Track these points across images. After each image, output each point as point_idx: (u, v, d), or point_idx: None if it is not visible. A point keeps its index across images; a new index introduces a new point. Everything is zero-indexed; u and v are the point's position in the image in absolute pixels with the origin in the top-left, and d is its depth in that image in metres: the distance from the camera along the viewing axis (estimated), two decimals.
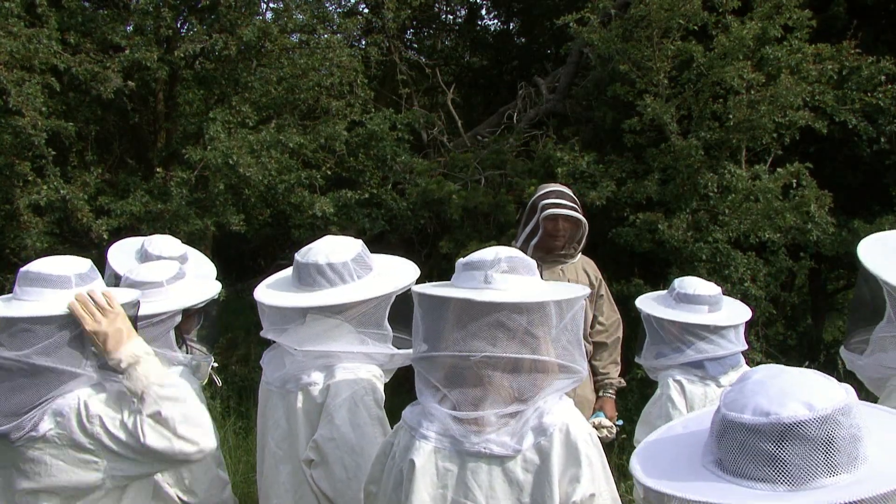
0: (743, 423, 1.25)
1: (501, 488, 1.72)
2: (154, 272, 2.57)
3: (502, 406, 1.71)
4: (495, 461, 1.72)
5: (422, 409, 1.82)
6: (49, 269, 1.91)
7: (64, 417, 1.81)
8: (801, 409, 1.22)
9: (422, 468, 1.75)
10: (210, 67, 6.65)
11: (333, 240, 2.40)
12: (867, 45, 5.46)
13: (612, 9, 5.67)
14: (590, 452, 1.73)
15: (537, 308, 1.71)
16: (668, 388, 2.72)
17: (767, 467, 1.22)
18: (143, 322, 2.39)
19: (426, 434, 1.78)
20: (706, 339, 2.69)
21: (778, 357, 5.29)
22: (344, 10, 8.53)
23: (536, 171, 5.81)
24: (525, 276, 1.80)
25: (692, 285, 2.78)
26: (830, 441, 1.21)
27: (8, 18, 5.11)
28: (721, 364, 2.71)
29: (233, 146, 5.30)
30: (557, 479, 1.69)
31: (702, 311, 2.72)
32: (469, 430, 1.72)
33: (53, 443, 1.81)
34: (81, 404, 1.82)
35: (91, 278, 1.96)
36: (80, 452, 1.82)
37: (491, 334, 1.70)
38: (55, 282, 1.88)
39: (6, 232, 5.55)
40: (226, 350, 6.64)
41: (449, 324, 1.76)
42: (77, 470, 1.83)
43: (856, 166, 5.88)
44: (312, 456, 2.17)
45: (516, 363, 1.71)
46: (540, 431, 1.71)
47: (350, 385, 2.19)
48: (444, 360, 1.77)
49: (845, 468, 1.22)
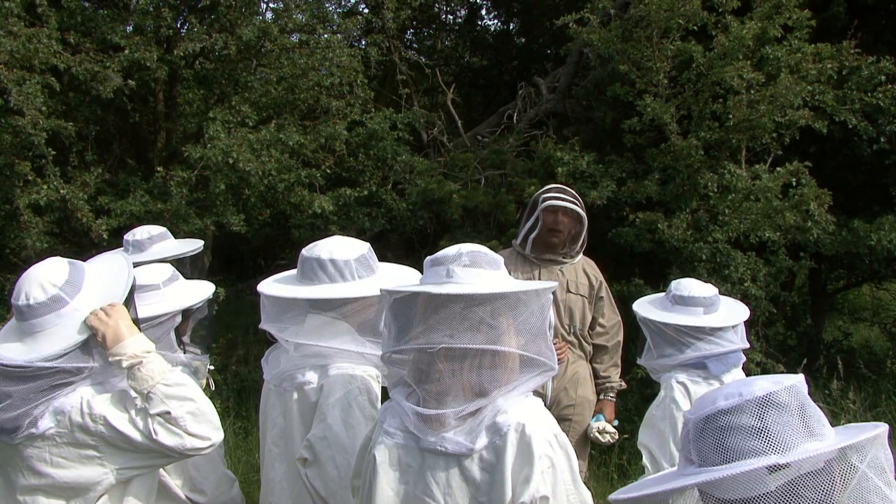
0: (720, 409, 1.28)
1: (458, 486, 1.72)
2: (150, 274, 2.56)
3: (463, 402, 1.71)
4: (452, 459, 1.73)
5: (392, 403, 1.85)
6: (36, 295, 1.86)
7: (65, 415, 1.81)
8: (768, 384, 1.28)
9: (383, 463, 1.78)
10: (210, 67, 6.66)
11: (341, 239, 2.42)
12: (867, 45, 5.46)
13: (611, 9, 5.67)
14: (549, 453, 1.72)
15: (493, 299, 1.71)
16: (671, 389, 2.72)
17: (754, 439, 1.24)
18: (145, 324, 2.39)
19: (388, 429, 1.80)
20: (704, 340, 2.70)
21: (778, 357, 5.29)
22: (344, 10, 8.54)
23: (536, 171, 5.82)
24: (488, 270, 1.80)
25: (688, 287, 2.80)
26: (803, 407, 1.27)
27: (8, 18, 5.10)
28: (723, 362, 2.72)
29: (232, 144, 5.31)
30: (511, 480, 1.68)
31: (697, 313, 2.73)
32: (428, 426, 1.73)
33: (53, 441, 1.82)
34: (84, 403, 1.82)
35: (77, 282, 1.90)
36: (81, 449, 1.83)
37: (449, 326, 1.70)
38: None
39: (6, 232, 5.55)
40: (226, 350, 6.64)
41: (414, 319, 1.77)
42: (79, 466, 1.83)
43: (856, 166, 5.88)
44: (306, 455, 2.18)
45: (478, 357, 1.71)
46: (495, 431, 1.71)
47: (344, 384, 2.19)
48: (410, 356, 1.79)
49: (822, 433, 1.26)
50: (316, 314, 2.26)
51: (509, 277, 1.89)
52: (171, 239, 3.56)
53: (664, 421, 2.71)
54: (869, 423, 1.31)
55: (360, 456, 1.98)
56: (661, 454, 2.70)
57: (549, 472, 1.71)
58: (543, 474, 1.69)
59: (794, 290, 6.86)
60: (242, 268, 9.04)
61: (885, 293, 8.59)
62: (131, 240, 3.46)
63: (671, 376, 2.75)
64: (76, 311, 1.86)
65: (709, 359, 2.71)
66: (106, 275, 1.98)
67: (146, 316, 2.41)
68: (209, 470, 2.52)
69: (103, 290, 1.92)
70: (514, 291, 1.74)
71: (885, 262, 5.80)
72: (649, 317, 2.79)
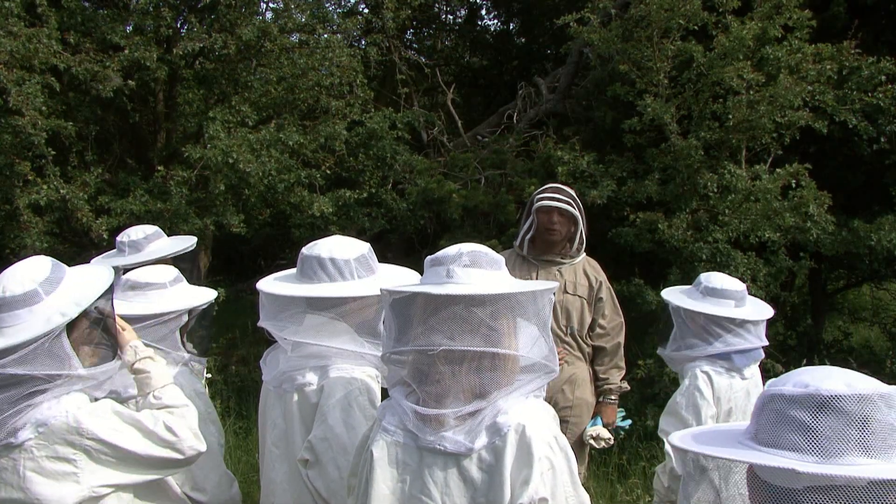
0: (782, 394, 1.28)
1: (456, 486, 1.71)
2: (156, 274, 2.59)
3: (463, 403, 1.70)
4: (451, 459, 1.71)
5: (391, 401, 1.84)
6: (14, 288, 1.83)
7: (47, 427, 1.76)
8: (841, 385, 1.23)
9: (379, 460, 1.77)
10: (210, 67, 6.66)
11: (341, 238, 2.41)
12: (867, 45, 5.46)
13: (612, 9, 5.67)
14: (549, 455, 1.70)
15: (493, 300, 1.69)
16: (696, 378, 2.76)
17: (799, 436, 1.23)
18: (153, 321, 2.42)
19: (387, 427, 1.79)
20: (733, 332, 2.75)
21: (778, 357, 5.29)
22: (344, 10, 8.54)
23: (536, 171, 5.82)
24: (488, 270, 1.78)
25: (720, 280, 2.84)
26: (866, 421, 1.20)
27: (8, 18, 5.10)
28: (746, 357, 2.78)
29: (232, 144, 5.31)
30: (510, 481, 1.67)
31: (729, 305, 2.77)
32: (427, 425, 1.72)
33: (30, 453, 1.76)
34: (71, 417, 1.78)
35: (56, 281, 1.87)
36: (58, 464, 1.78)
37: (449, 328, 1.69)
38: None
39: (6, 232, 5.55)
40: (226, 350, 6.65)
41: (413, 320, 1.76)
42: (51, 482, 1.77)
43: (856, 166, 5.88)
44: (307, 456, 2.17)
45: (478, 359, 1.70)
46: (494, 431, 1.69)
47: (344, 385, 2.19)
48: (409, 356, 1.78)
49: (880, 454, 1.20)
50: (314, 314, 2.26)
51: (510, 277, 1.87)
52: (165, 237, 3.57)
53: (688, 409, 2.74)
54: None
55: (357, 454, 1.97)
56: None
57: (548, 474, 1.69)
58: (543, 476, 1.67)
59: (794, 290, 6.87)
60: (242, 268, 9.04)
61: (885, 293, 8.60)
62: (127, 241, 3.46)
63: (695, 365, 2.79)
64: (49, 308, 1.81)
65: (734, 353, 2.76)
66: (86, 279, 1.94)
67: (152, 313, 2.44)
68: (210, 469, 2.52)
69: (78, 291, 1.87)
70: (514, 292, 1.72)
71: (885, 262, 5.80)
72: (682, 305, 2.82)
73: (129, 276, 2.59)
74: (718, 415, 2.75)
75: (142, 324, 2.42)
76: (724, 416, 2.76)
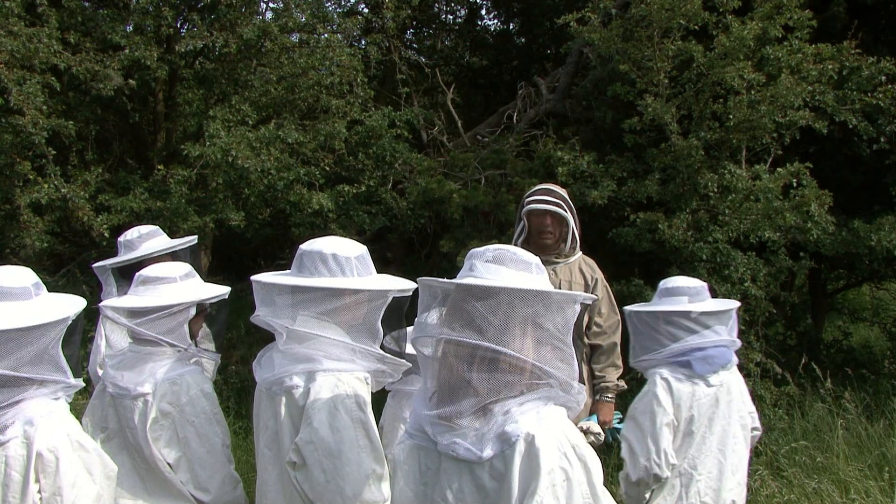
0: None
1: (470, 492, 1.70)
2: (168, 269, 2.61)
3: (474, 404, 1.68)
4: (464, 465, 1.70)
5: (414, 405, 1.85)
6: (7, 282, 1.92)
7: (28, 441, 1.82)
8: None
9: (402, 462, 1.78)
10: (210, 67, 6.66)
11: (339, 238, 2.41)
12: (867, 45, 5.46)
13: (612, 8, 5.67)
14: (564, 466, 1.65)
15: (497, 293, 1.67)
16: (654, 385, 2.73)
17: None
18: (161, 313, 2.44)
19: (410, 431, 1.81)
20: (687, 329, 2.69)
21: (778, 357, 5.29)
22: (344, 9, 8.54)
23: (536, 171, 5.81)
24: (511, 268, 1.75)
25: (675, 280, 2.83)
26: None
27: (8, 18, 5.11)
28: (709, 362, 2.70)
29: (232, 142, 5.30)
30: (517, 491, 1.64)
31: (682, 301, 2.74)
32: (441, 428, 1.71)
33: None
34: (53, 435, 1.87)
35: (40, 289, 2.00)
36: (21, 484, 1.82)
37: (458, 319, 1.69)
38: (17, 294, 1.91)
39: (6, 231, 5.55)
40: (226, 350, 6.64)
41: (431, 310, 1.78)
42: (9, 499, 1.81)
43: (856, 166, 5.88)
44: (294, 458, 2.17)
45: (487, 357, 1.67)
46: (504, 440, 1.66)
47: (331, 388, 2.18)
48: (427, 349, 1.78)
49: None
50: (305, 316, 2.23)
51: (536, 279, 1.79)
52: (163, 237, 3.56)
53: (644, 415, 2.71)
54: None
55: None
56: (639, 448, 2.70)
57: (562, 486, 1.64)
58: (555, 487, 1.63)
59: (793, 290, 6.87)
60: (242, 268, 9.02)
61: (885, 293, 8.61)
62: (122, 241, 3.47)
63: (655, 372, 2.75)
64: (32, 308, 1.86)
65: (693, 355, 2.69)
66: (58, 302, 2.02)
67: (162, 304, 2.46)
68: (215, 469, 2.52)
69: (51, 310, 1.94)
70: (516, 288, 1.68)
71: (885, 262, 5.80)
72: (634, 310, 2.82)
73: (142, 272, 2.61)
74: (679, 421, 2.69)
75: (149, 316, 2.43)
76: (686, 423, 2.70)
